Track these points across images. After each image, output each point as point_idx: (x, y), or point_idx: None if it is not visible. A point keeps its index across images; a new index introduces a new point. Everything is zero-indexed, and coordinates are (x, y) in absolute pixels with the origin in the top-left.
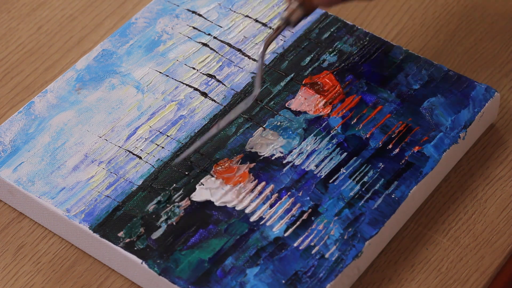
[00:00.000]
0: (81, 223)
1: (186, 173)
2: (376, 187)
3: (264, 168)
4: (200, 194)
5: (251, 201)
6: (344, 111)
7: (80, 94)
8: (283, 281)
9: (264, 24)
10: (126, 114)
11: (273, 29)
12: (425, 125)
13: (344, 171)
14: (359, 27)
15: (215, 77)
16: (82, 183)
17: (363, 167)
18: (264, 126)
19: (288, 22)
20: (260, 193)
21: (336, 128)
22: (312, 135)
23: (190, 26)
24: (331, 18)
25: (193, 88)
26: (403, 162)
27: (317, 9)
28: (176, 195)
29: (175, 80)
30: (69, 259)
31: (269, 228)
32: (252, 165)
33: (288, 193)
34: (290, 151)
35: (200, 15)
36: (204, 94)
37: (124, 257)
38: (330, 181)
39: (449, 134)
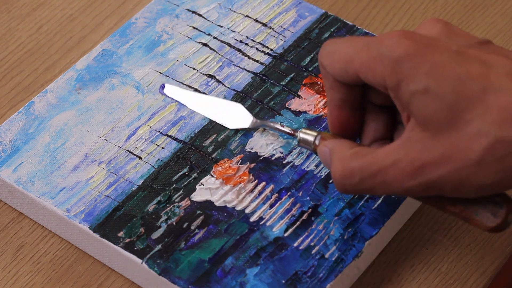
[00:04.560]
0: (81, 223)
1: (186, 173)
2: None
3: (264, 168)
4: (200, 194)
5: (251, 201)
6: None
7: (80, 94)
8: (283, 281)
9: (264, 24)
10: (126, 114)
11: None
12: None
13: None
14: (359, 27)
15: (215, 77)
16: (82, 183)
17: None
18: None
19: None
20: (260, 193)
21: None
22: None
23: (190, 26)
24: (331, 18)
25: (193, 88)
26: None
27: (317, 9)
28: (176, 195)
29: (175, 80)
30: (69, 259)
31: (269, 228)
32: (252, 165)
33: (288, 193)
34: (290, 151)
35: (200, 15)
36: (204, 94)
37: (124, 257)
38: (330, 181)
39: None
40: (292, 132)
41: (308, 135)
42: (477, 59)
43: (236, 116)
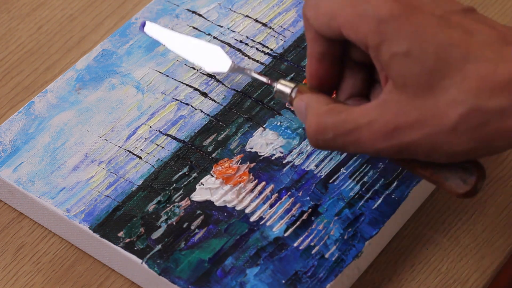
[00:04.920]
0: (81, 223)
1: (186, 173)
2: (376, 187)
3: (264, 168)
4: (200, 194)
5: (251, 201)
6: None
7: (80, 94)
8: (283, 281)
9: (264, 24)
10: (126, 114)
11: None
12: None
13: (344, 171)
14: None
15: (215, 77)
16: (82, 183)
17: (363, 167)
18: (264, 126)
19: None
20: (260, 193)
21: None
22: None
23: (190, 26)
24: None
25: (193, 88)
26: None
27: None
28: (176, 195)
29: (175, 80)
30: (69, 259)
31: (269, 228)
32: (252, 165)
33: (288, 193)
34: (290, 151)
35: (200, 15)
36: (204, 94)
37: (124, 257)
38: (330, 181)
39: None
40: (269, 82)
41: (285, 87)
42: (460, 26)
43: (214, 59)
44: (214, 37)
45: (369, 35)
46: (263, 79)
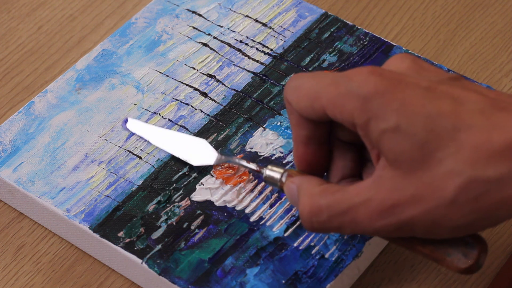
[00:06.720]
0: (81, 223)
1: (186, 173)
2: None
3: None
4: (200, 194)
5: (251, 201)
6: None
7: (80, 94)
8: (283, 281)
9: (264, 24)
10: (126, 114)
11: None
12: None
13: None
14: (359, 27)
15: (215, 77)
16: (82, 183)
17: None
18: (264, 126)
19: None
20: (260, 193)
21: None
22: None
23: (190, 26)
24: (331, 18)
25: (193, 88)
26: None
27: (317, 9)
28: (176, 195)
29: (175, 80)
30: (69, 259)
31: (269, 228)
32: None
33: None
34: (290, 151)
35: (200, 15)
36: (204, 94)
37: (124, 257)
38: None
39: None
40: (257, 169)
41: (274, 172)
42: (448, 95)
43: (200, 152)
44: (214, 37)
45: (355, 113)
46: (252, 166)
